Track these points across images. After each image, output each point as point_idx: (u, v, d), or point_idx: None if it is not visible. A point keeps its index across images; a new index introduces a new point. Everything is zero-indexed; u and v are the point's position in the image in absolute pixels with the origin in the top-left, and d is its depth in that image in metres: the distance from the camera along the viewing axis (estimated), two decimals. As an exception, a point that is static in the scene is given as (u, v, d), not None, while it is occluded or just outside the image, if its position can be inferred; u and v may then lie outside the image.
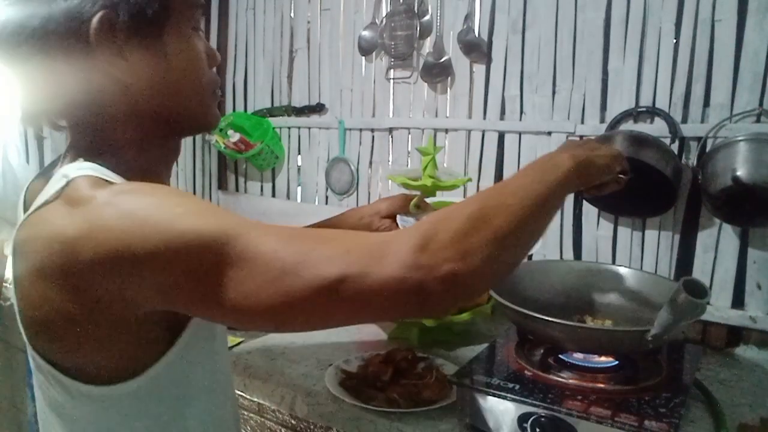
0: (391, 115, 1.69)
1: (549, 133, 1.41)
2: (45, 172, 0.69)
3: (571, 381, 0.94)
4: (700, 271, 1.26)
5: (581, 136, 1.36)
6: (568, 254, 1.42)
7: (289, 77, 1.90)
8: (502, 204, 0.57)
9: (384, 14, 1.64)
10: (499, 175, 1.51)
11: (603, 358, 1.00)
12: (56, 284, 0.53)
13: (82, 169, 0.58)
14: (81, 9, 0.57)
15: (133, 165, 0.63)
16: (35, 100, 0.63)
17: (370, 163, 1.74)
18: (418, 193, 1.45)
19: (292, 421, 1.12)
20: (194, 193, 2.13)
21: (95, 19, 0.57)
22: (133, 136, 0.63)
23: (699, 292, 0.80)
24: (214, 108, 0.69)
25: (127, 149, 0.63)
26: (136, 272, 0.51)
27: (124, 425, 0.61)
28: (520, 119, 1.46)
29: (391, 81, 1.67)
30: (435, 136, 1.59)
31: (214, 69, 0.70)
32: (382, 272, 0.49)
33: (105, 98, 0.61)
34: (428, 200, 1.04)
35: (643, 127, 1.28)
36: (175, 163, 0.72)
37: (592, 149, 0.77)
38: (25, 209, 0.65)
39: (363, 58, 1.71)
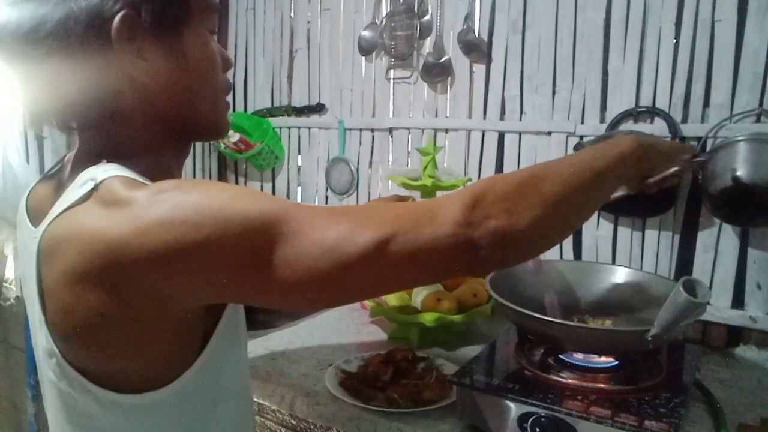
0: (391, 115, 1.69)
1: (549, 133, 1.41)
2: (49, 178, 0.69)
3: (571, 381, 0.94)
4: (700, 271, 1.26)
5: (581, 137, 1.37)
6: (568, 254, 1.42)
7: (289, 77, 1.90)
8: (554, 173, 0.58)
9: (384, 14, 1.64)
10: (499, 175, 1.51)
11: (603, 358, 1.00)
12: (97, 286, 0.52)
13: (109, 170, 0.57)
14: (102, 8, 0.56)
15: (147, 166, 0.61)
16: (47, 101, 0.62)
17: (370, 163, 1.75)
18: (412, 193, 1.45)
19: (292, 421, 1.12)
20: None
21: (117, 18, 0.56)
22: (147, 138, 0.63)
23: (699, 292, 0.80)
24: (225, 115, 0.69)
25: (141, 150, 0.62)
26: (189, 264, 0.50)
27: None
28: (520, 119, 1.46)
29: (391, 81, 1.67)
30: (435, 136, 1.59)
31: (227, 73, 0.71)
32: (432, 230, 0.50)
33: (121, 98, 0.60)
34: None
35: (643, 127, 1.28)
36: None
37: (657, 139, 0.78)
38: (29, 216, 0.65)
39: (363, 58, 1.71)
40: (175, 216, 0.50)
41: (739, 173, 1.09)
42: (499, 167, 1.51)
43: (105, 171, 0.57)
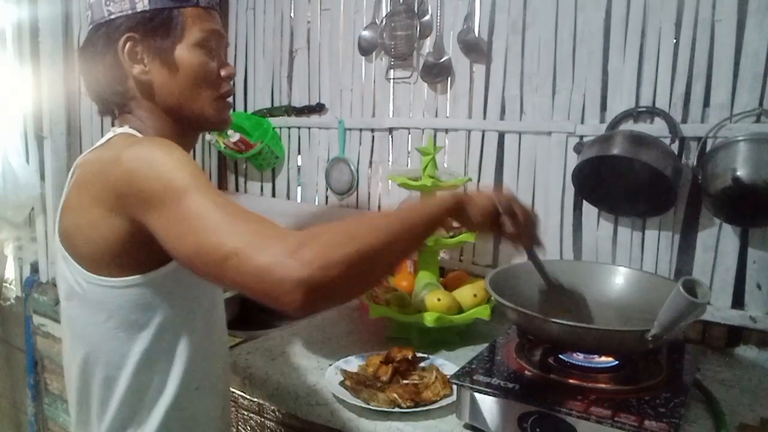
0: (391, 115, 1.69)
1: (549, 133, 1.41)
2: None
3: (571, 381, 0.94)
4: (700, 271, 1.26)
5: (581, 137, 1.36)
6: (568, 254, 1.42)
7: (289, 77, 1.90)
8: (372, 225, 0.67)
9: (384, 14, 1.64)
10: (499, 175, 1.52)
11: (603, 358, 1.00)
12: (96, 199, 0.75)
13: (124, 129, 0.85)
14: (113, 33, 0.82)
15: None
16: (89, 92, 0.89)
17: (370, 163, 1.75)
18: (411, 193, 1.45)
19: (293, 421, 1.12)
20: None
21: (121, 40, 0.82)
22: (157, 125, 0.86)
23: (699, 292, 0.80)
24: (221, 111, 0.90)
25: (153, 134, 0.85)
26: (139, 196, 0.70)
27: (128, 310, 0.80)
28: (520, 119, 1.46)
29: (391, 81, 1.67)
30: (435, 136, 1.59)
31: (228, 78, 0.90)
32: (258, 259, 0.60)
33: (133, 94, 0.85)
34: None
35: (643, 127, 1.28)
36: None
37: (481, 193, 0.86)
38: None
39: (363, 58, 1.71)
40: (136, 165, 0.71)
41: (739, 173, 1.09)
42: (499, 167, 1.51)
43: (122, 129, 0.85)
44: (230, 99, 0.91)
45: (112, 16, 0.82)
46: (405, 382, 1.06)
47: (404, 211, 0.76)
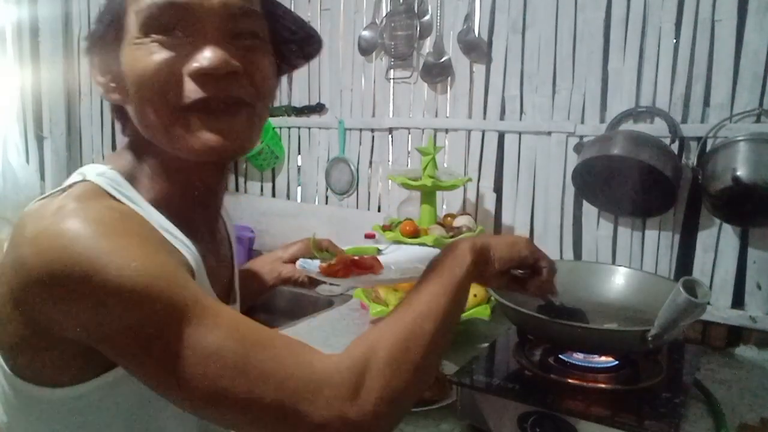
0: (391, 115, 1.69)
1: (549, 133, 1.41)
2: None
3: (571, 381, 0.94)
4: (700, 271, 1.26)
5: (581, 137, 1.37)
6: (568, 254, 1.42)
7: (289, 77, 1.89)
8: (421, 331, 0.58)
9: (384, 14, 1.64)
10: (499, 175, 1.52)
11: (603, 358, 1.00)
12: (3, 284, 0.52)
13: (96, 173, 0.58)
14: (91, 28, 0.60)
15: (152, 167, 0.62)
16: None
17: (370, 163, 1.75)
18: (411, 193, 1.45)
19: (292, 421, 1.12)
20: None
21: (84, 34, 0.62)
22: (148, 167, 0.62)
23: (699, 292, 0.80)
24: (196, 132, 0.57)
25: (148, 179, 0.61)
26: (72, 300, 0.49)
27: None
28: (520, 119, 1.46)
29: (391, 81, 1.67)
30: (435, 136, 1.59)
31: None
32: (312, 416, 0.50)
33: (112, 97, 0.61)
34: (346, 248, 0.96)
35: (643, 127, 1.28)
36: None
37: (494, 237, 0.74)
38: None
39: (363, 58, 1.71)
40: (75, 256, 0.48)
41: (739, 173, 1.09)
42: (499, 167, 1.51)
43: (96, 171, 0.59)
44: (229, 107, 0.58)
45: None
46: (405, 382, 1.05)
47: (438, 294, 0.62)
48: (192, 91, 0.56)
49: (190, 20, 0.55)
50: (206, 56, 0.55)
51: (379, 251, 0.93)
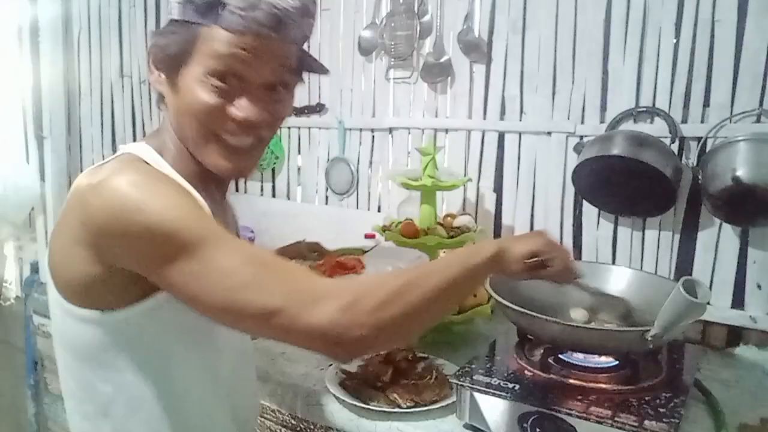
0: (391, 115, 1.69)
1: (549, 133, 1.41)
2: None
3: (571, 381, 0.94)
4: (700, 271, 1.26)
5: (581, 137, 1.37)
6: (568, 254, 1.42)
7: (289, 77, 1.89)
8: (419, 282, 0.66)
9: (384, 14, 1.64)
10: (499, 175, 1.52)
11: (603, 358, 1.00)
12: (71, 228, 0.68)
13: (136, 147, 0.73)
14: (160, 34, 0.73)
15: (180, 167, 0.74)
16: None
17: (370, 163, 1.74)
18: (411, 193, 1.44)
19: (292, 421, 1.12)
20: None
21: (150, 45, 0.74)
22: (179, 149, 0.75)
23: (699, 292, 0.80)
24: (225, 160, 0.73)
25: (173, 159, 0.75)
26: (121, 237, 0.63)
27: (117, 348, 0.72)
28: (520, 119, 1.46)
29: (391, 81, 1.67)
30: (435, 136, 1.59)
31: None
32: (310, 319, 0.59)
33: (158, 88, 0.75)
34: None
35: (643, 127, 1.28)
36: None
37: (518, 239, 0.83)
38: None
39: (363, 58, 1.71)
40: (120, 203, 0.63)
41: (739, 173, 1.09)
42: (499, 167, 1.51)
43: (137, 146, 0.74)
44: (247, 146, 0.73)
45: (170, 16, 0.72)
46: (405, 382, 1.06)
47: (449, 266, 0.71)
48: (230, 131, 0.72)
49: (243, 74, 0.69)
50: (246, 107, 0.70)
51: (363, 252, 0.99)
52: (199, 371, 0.77)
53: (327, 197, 1.85)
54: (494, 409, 0.92)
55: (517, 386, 0.92)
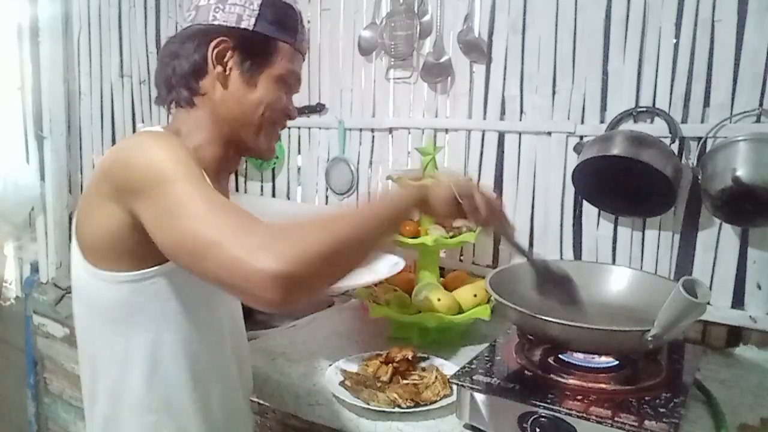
0: (391, 115, 1.69)
1: (549, 133, 1.41)
2: None
3: (571, 381, 0.94)
4: (700, 271, 1.26)
5: (581, 137, 1.36)
6: (568, 254, 1.42)
7: (289, 77, 1.89)
8: (342, 219, 0.71)
9: (384, 14, 1.64)
10: (499, 175, 1.51)
11: (603, 358, 1.00)
12: (96, 188, 0.77)
13: (153, 127, 0.85)
14: (209, 35, 0.82)
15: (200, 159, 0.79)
16: (162, 80, 0.87)
17: (370, 163, 1.75)
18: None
19: (292, 421, 1.12)
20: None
21: (215, 41, 0.81)
22: (203, 135, 0.85)
23: (699, 292, 0.80)
24: (267, 142, 0.89)
25: (194, 143, 0.84)
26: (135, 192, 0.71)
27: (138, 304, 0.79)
28: (520, 119, 1.46)
29: (391, 81, 1.67)
30: (435, 136, 1.59)
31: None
32: (232, 250, 0.61)
33: (205, 93, 0.84)
34: None
35: (643, 127, 1.28)
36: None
37: (432, 185, 0.86)
38: None
39: (363, 58, 1.71)
40: (139, 161, 0.72)
41: (739, 173, 1.09)
42: (499, 167, 1.51)
43: (151, 128, 0.84)
44: (280, 134, 0.93)
45: (215, 23, 0.82)
46: (405, 382, 1.06)
47: (372, 205, 0.79)
48: (282, 123, 0.90)
49: (295, 84, 0.91)
50: (293, 108, 0.91)
51: None
52: (209, 332, 0.85)
53: (327, 197, 1.85)
54: (494, 409, 0.92)
55: (517, 386, 0.92)
